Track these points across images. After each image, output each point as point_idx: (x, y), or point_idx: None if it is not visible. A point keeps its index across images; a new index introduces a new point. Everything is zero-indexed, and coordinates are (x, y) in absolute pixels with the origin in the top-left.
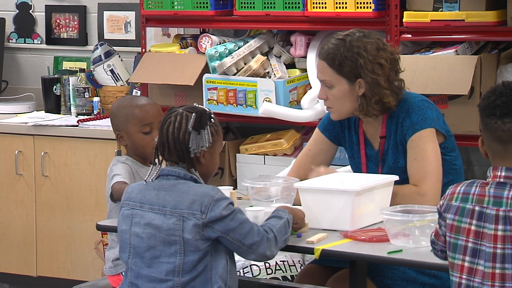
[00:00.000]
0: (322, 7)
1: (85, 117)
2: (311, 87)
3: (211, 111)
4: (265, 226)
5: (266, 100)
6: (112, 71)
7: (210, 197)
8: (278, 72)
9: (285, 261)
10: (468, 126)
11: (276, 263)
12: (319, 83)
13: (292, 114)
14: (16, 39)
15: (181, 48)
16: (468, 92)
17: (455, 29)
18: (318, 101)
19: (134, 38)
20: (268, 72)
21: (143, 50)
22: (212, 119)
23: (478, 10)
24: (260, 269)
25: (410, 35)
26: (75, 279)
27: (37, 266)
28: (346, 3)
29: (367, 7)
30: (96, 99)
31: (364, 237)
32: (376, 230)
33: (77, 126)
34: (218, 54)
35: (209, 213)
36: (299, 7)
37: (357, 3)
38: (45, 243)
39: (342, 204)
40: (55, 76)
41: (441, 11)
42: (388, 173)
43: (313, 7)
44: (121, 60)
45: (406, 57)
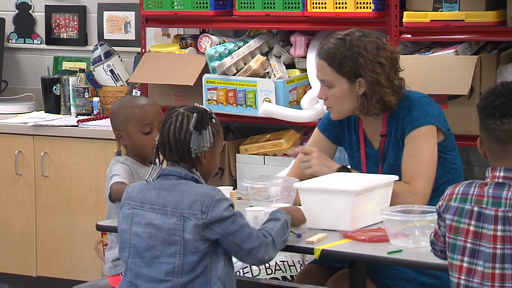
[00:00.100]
0: (322, 7)
1: (85, 117)
2: (311, 87)
3: (212, 111)
4: (263, 229)
5: (266, 100)
6: (112, 71)
7: (211, 197)
8: (278, 72)
9: (285, 261)
10: (468, 126)
11: (276, 263)
12: (318, 83)
13: (292, 114)
14: (16, 39)
15: (181, 48)
16: (468, 92)
17: (455, 29)
18: (318, 101)
19: (134, 38)
20: (268, 72)
21: (143, 50)
22: (213, 119)
23: (478, 10)
24: (259, 269)
25: (410, 35)
26: (75, 279)
27: (37, 266)
28: (346, 3)
29: (367, 7)
30: (96, 99)
31: (364, 237)
32: (376, 230)
33: (77, 126)
34: (218, 54)
35: (210, 213)
36: (299, 7)
37: (357, 3)
38: (45, 243)
39: (342, 204)
40: (55, 76)
41: (441, 11)
42: (389, 171)
43: (313, 7)
44: (121, 60)
45: (406, 57)
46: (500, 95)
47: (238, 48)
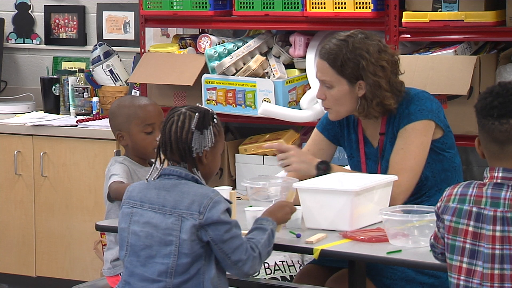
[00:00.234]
0: (321, 7)
1: (84, 117)
2: (310, 87)
3: (214, 112)
4: (251, 241)
5: (265, 100)
6: (111, 71)
7: (209, 198)
8: (277, 72)
9: (284, 261)
10: (467, 126)
11: (275, 263)
12: (318, 82)
13: (291, 114)
14: (15, 39)
15: (180, 48)
16: (467, 92)
17: (454, 29)
18: (317, 101)
19: (133, 38)
20: (267, 72)
21: (142, 50)
22: (215, 119)
23: (477, 10)
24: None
25: (409, 35)
26: (74, 279)
27: (36, 267)
28: (345, 3)
29: (366, 7)
30: (95, 99)
31: (363, 237)
32: (375, 230)
33: (76, 126)
34: (217, 54)
35: (207, 214)
36: (298, 7)
37: (356, 3)
38: (44, 244)
39: (341, 204)
40: (54, 76)
41: (440, 11)
42: (387, 167)
43: (312, 7)
44: (120, 60)
45: (405, 57)
46: (498, 95)
47: (238, 48)
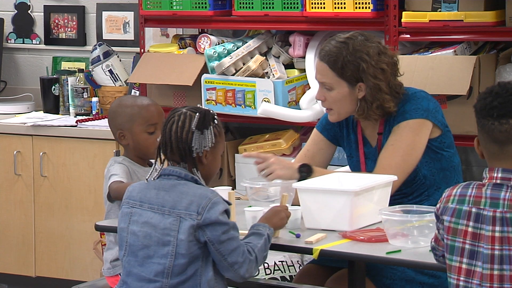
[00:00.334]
0: (321, 7)
1: (84, 117)
2: (309, 88)
3: (215, 113)
4: (248, 245)
5: (265, 100)
6: (110, 71)
7: (208, 199)
8: (276, 72)
9: (283, 261)
10: (466, 126)
11: (275, 263)
12: (317, 83)
13: (291, 114)
14: (15, 39)
15: (180, 48)
16: (467, 92)
17: (454, 29)
18: (316, 101)
19: (133, 38)
20: (267, 72)
21: (142, 50)
22: (215, 120)
23: (477, 11)
24: (258, 270)
25: (408, 35)
26: (74, 280)
27: (35, 267)
28: (344, 3)
29: (366, 8)
30: (94, 99)
31: (362, 237)
32: (375, 230)
33: (75, 126)
34: (216, 54)
35: (205, 214)
36: (297, 7)
37: (356, 4)
38: (43, 244)
39: (340, 204)
40: (54, 76)
41: (440, 11)
42: None
43: (312, 7)
44: (120, 60)
45: (405, 57)
46: (497, 96)
47: (237, 48)
